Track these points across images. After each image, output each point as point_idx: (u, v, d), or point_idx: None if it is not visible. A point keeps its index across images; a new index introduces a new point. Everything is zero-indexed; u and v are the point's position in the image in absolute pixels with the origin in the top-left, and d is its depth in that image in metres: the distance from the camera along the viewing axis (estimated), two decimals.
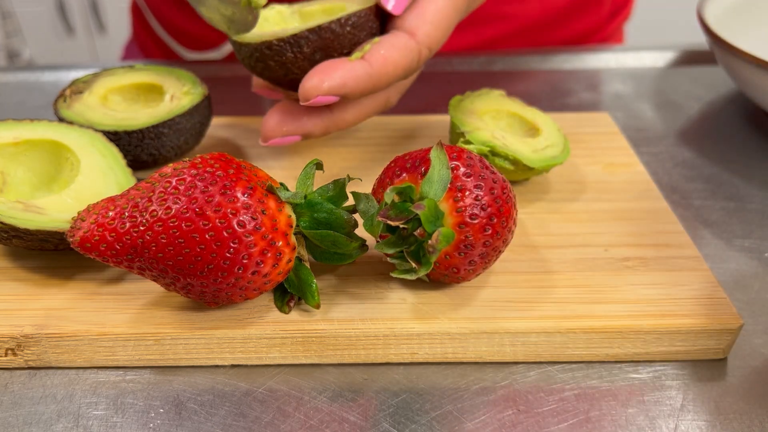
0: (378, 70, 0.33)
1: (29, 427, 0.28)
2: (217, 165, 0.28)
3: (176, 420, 0.28)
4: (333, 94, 0.32)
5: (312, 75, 0.32)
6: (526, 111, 0.41)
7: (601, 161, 0.41)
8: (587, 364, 0.31)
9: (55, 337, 0.29)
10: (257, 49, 0.34)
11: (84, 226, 0.28)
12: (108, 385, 0.30)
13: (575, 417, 0.28)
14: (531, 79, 0.55)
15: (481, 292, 0.31)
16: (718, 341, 0.30)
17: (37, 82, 0.55)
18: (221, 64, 0.57)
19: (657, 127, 0.48)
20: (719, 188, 0.42)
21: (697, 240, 0.38)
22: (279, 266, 0.28)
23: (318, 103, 0.33)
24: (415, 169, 0.29)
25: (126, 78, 0.41)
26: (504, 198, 0.29)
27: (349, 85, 0.32)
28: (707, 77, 0.55)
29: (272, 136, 0.35)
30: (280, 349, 0.30)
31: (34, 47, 1.57)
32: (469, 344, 0.30)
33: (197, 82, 0.41)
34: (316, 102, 0.32)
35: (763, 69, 0.43)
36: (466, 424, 0.28)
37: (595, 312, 0.30)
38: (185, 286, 0.28)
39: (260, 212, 0.27)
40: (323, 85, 0.32)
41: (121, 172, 0.34)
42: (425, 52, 0.35)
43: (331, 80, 0.32)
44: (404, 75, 0.34)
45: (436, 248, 0.27)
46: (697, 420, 0.28)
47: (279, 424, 0.28)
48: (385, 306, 0.31)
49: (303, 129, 0.35)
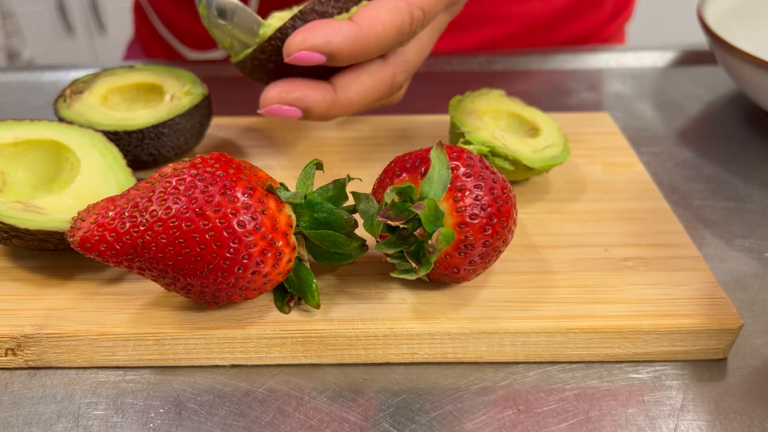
0: (366, 31, 0.32)
1: (29, 427, 0.28)
2: (217, 165, 0.28)
3: (176, 420, 0.28)
4: (317, 51, 0.31)
5: (297, 33, 0.32)
6: (526, 111, 0.41)
7: (601, 161, 0.41)
8: (587, 364, 0.31)
9: (55, 337, 0.29)
10: (253, 58, 0.34)
11: (84, 226, 0.28)
12: (108, 385, 0.30)
13: (575, 417, 0.28)
14: (531, 79, 0.55)
15: (481, 292, 0.31)
16: (718, 341, 0.30)
17: (37, 82, 0.55)
18: (221, 64, 0.57)
19: (657, 127, 0.48)
20: (719, 188, 0.42)
21: (697, 240, 0.38)
22: (279, 266, 0.28)
23: (302, 59, 0.31)
24: (415, 169, 0.29)
25: (126, 78, 0.41)
26: (504, 198, 0.29)
27: (334, 43, 0.31)
28: (707, 77, 0.55)
29: (270, 103, 0.34)
30: (280, 349, 0.30)
31: (34, 47, 1.57)
32: (469, 344, 0.30)
33: (197, 82, 0.41)
34: (300, 57, 0.31)
35: (763, 69, 0.43)
36: (466, 424, 0.28)
37: (595, 312, 0.30)
38: (185, 286, 0.28)
39: (260, 212, 0.27)
40: (307, 42, 0.31)
41: (121, 172, 0.34)
42: (417, 13, 0.33)
43: (314, 37, 0.31)
44: (397, 38, 0.33)
45: (436, 248, 0.27)
46: (697, 420, 0.28)
47: (279, 424, 0.28)
48: (385, 306, 0.31)
49: (304, 102, 0.34)
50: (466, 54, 0.59)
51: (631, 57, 0.58)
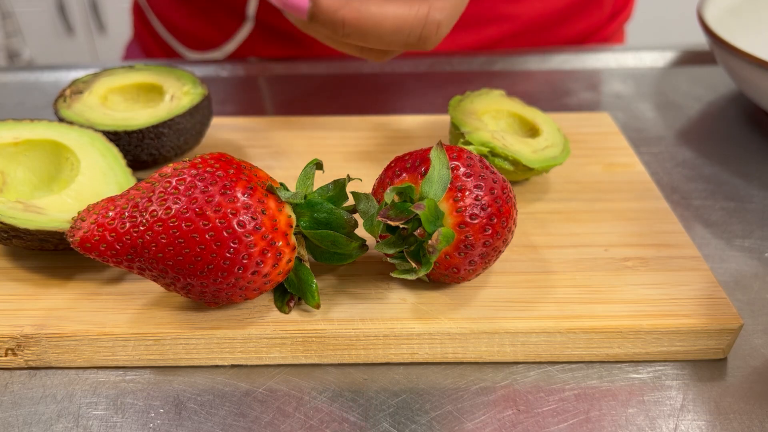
0: None
1: (29, 427, 0.28)
2: (217, 165, 0.28)
3: (176, 420, 0.28)
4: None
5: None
6: (526, 111, 0.41)
7: (601, 161, 0.41)
8: (587, 364, 0.31)
9: (55, 337, 0.29)
10: None
11: (84, 226, 0.28)
12: (108, 385, 0.30)
13: (575, 417, 0.28)
14: (531, 79, 0.55)
15: (481, 292, 0.31)
16: (718, 341, 0.30)
17: (37, 82, 0.55)
18: (221, 64, 0.57)
19: (657, 127, 0.48)
20: (719, 188, 0.42)
21: (697, 240, 0.38)
22: (279, 266, 0.28)
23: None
24: (415, 169, 0.29)
25: (126, 78, 0.41)
26: (504, 198, 0.29)
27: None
28: (707, 77, 0.55)
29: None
30: (280, 349, 0.30)
31: (34, 47, 1.57)
32: (469, 344, 0.30)
33: (197, 82, 0.41)
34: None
35: (763, 69, 0.43)
36: (466, 424, 0.28)
37: (595, 312, 0.30)
38: (185, 286, 0.28)
39: (260, 212, 0.27)
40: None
41: (121, 172, 0.34)
42: None
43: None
44: None
45: (436, 248, 0.27)
46: (697, 420, 0.28)
47: (279, 424, 0.28)
48: (385, 306, 0.31)
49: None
50: (466, 54, 0.59)
51: (631, 57, 0.58)
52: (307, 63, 0.57)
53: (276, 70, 0.56)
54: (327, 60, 0.57)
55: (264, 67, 0.57)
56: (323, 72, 0.56)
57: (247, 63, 0.57)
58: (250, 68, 0.56)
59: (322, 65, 0.57)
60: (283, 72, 0.56)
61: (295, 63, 0.57)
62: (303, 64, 0.57)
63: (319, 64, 0.57)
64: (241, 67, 0.57)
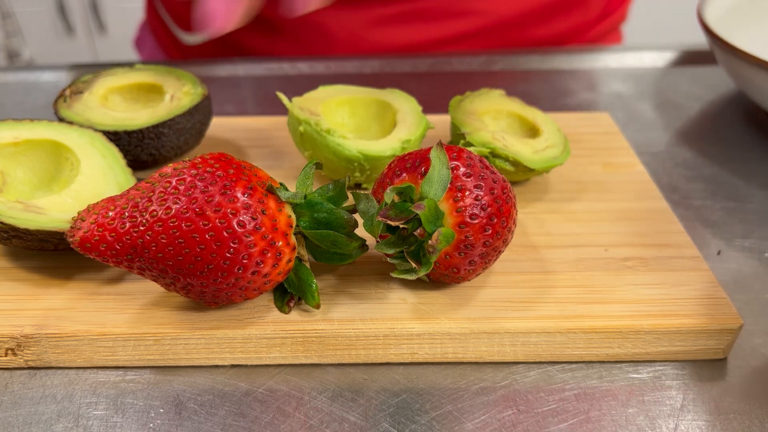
0: None
1: (29, 427, 0.28)
2: (217, 165, 0.28)
3: (176, 420, 0.28)
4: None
5: None
6: (526, 111, 0.41)
7: (601, 161, 0.41)
8: (587, 364, 0.31)
9: (55, 337, 0.29)
10: None
11: (84, 226, 0.28)
12: (108, 385, 0.30)
13: (575, 417, 0.28)
14: (531, 79, 0.55)
15: (481, 292, 0.31)
16: (718, 341, 0.30)
17: (37, 82, 0.55)
18: (221, 64, 0.57)
19: (657, 127, 0.48)
20: (719, 188, 0.42)
21: (697, 240, 0.38)
22: (279, 266, 0.28)
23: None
24: (415, 169, 0.29)
25: (126, 78, 0.41)
26: (504, 198, 0.29)
27: None
28: (707, 77, 0.55)
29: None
30: (280, 349, 0.30)
31: (34, 47, 1.57)
32: (469, 344, 0.30)
33: (197, 82, 0.41)
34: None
35: (763, 69, 0.43)
36: (466, 424, 0.28)
37: (595, 312, 0.30)
38: (185, 286, 0.28)
39: (260, 212, 0.27)
40: None
41: (121, 172, 0.34)
42: None
43: None
44: None
45: (436, 248, 0.27)
46: (697, 420, 0.28)
47: (279, 424, 0.28)
48: (385, 306, 0.31)
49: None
50: (466, 54, 0.59)
51: (630, 57, 0.58)
52: (307, 63, 0.57)
53: (276, 70, 0.56)
54: (327, 60, 0.57)
55: (264, 67, 0.57)
56: (323, 72, 0.56)
57: (248, 63, 0.57)
58: (250, 68, 0.56)
59: (323, 65, 0.57)
60: (284, 72, 0.56)
61: (295, 63, 0.57)
62: (303, 63, 0.57)
63: (320, 63, 0.57)
64: (241, 67, 0.57)
